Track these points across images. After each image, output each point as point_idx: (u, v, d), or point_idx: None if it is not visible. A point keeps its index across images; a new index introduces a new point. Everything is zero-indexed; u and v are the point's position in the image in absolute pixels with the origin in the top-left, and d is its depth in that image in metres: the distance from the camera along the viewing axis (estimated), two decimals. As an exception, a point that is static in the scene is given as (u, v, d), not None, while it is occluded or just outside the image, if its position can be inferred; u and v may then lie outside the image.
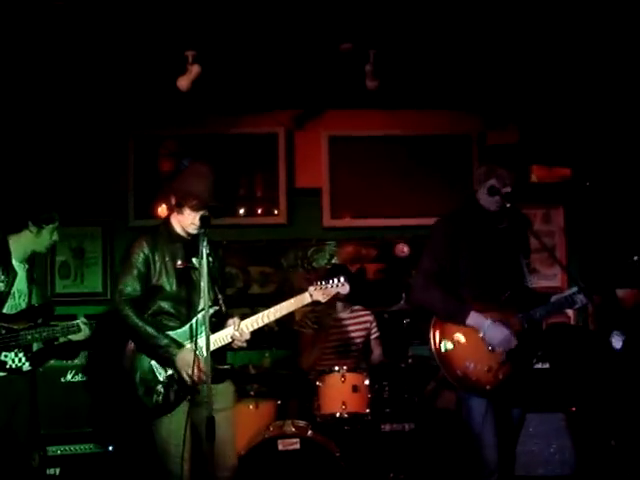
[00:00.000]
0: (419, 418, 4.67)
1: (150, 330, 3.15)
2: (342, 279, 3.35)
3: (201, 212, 3.19)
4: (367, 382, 4.38)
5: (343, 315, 5.02)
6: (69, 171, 5.62)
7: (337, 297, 3.46)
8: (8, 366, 3.64)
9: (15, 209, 3.90)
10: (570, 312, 5.76)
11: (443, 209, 3.38)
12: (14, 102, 5.13)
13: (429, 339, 3.20)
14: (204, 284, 3.00)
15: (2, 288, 3.66)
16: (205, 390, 3.04)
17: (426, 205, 5.64)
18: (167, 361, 3.16)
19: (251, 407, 4.39)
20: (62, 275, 5.64)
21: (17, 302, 3.73)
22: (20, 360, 3.68)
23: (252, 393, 4.52)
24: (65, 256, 5.66)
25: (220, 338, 3.25)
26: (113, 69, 4.76)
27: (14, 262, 3.74)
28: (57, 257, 5.62)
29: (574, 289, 3.17)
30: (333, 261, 5.77)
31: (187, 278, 3.26)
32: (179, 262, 3.25)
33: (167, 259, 3.25)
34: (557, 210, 5.98)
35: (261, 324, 3.29)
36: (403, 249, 5.73)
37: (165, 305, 3.24)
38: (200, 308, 3.20)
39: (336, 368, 4.41)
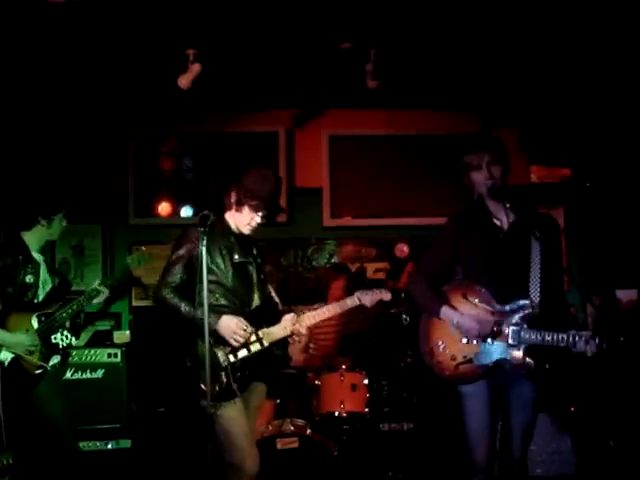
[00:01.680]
0: (418, 417, 4.67)
1: (188, 307, 3.17)
2: (384, 288, 3.56)
3: (260, 213, 3.31)
4: (366, 381, 4.39)
5: (341, 317, 5.03)
6: (69, 169, 5.62)
7: (381, 303, 3.57)
8: (61, 346, 3.87)
9: (22, 207, 4.01)
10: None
11: (442, 209, 3.40)
12: (14, 101, 5.13)
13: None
14: (204, 278, 3.01)
15: (32, 280, 3.83)
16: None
17: (426, 205, 5.65)
18: (210, 332, 3.09)
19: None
20: (35, 278, 5.61)
21: (46, 290, 3.91)
22: (67, 337, 3.91)
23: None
24: (65, 254, 5.67)
25: (279, 330, 3.33)
26: (114, 67, 4.76)
27: (33, 254, 3.90)
28: (57, 255, 5.64)
29: (585, 333, 2.94)
30: (333, 260, 5.78)
31: (243, 273, 3.34)
32: (236, 256, 3.31)
33: (224, 252, 3.28)
34: (557, 210, 5.97)
35: (317, 320, 3.41)
36: (403, 249, 5.74)
37: (222, 299, 3.25)
38: (255, 304, 3.34)
39: (335, 367, 4.42)
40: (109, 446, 4.62)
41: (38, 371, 3.75)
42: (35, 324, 3.78)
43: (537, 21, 4.17)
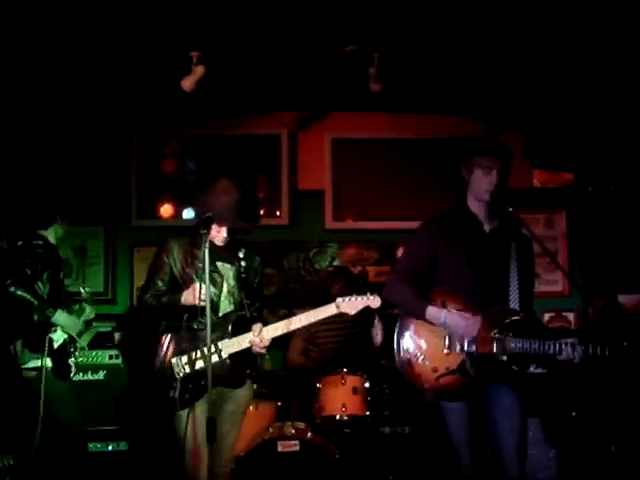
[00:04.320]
0: (418, 421, 4.66)
1: (155, 301, 3.26)
2: (375, 293, 3.25)
3: (223, 227, 3.26)
4: (367, 384, 4.38)
5: (342, 320, 5.03)
6: (72, 170, 5.63)
7: (367, 311, 3.28)
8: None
9: (42, 206, 4.19)
10: (571, 317, 5.77)
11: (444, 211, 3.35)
12: (18, 102, 5.14)
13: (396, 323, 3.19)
14: (206, 285, 3.02)
15: (62, 276, 4.06)
16: (220, 391, 3.19)
17: (428, 208, 5.60)
18: (176, 308, 3.20)
19: (251, 408, 4.36)
20: (64, 274, 5.62)
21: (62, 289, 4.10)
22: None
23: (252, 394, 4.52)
24: (67, 255, 5.66)
25: (238, 341, 3.24)
26: (118, 69, 4.77)
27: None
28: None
29: (571, 340, 2.96)
30: (335, 263, 5.78)
31: (212, 281, 3.24)
32: (200, 265, 3.21)
33: (189, 260, 3.29)
34: (559, 215, 5.98)
35: (283, 332, 3.25)
36: (405, 252, 5.73)
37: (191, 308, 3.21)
38: (224, 311, 3.29)
39: (337, 370, 4.41)
40: (109, 447, 4.62)
41: (73, 359, 3.96)
42: None
43: (541, 26, 4.17)
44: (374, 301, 3.21)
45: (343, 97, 5.42)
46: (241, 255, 3.40)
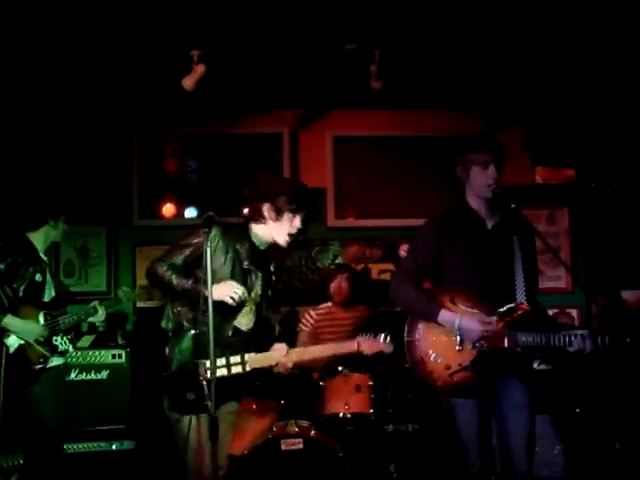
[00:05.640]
0: (422, 418, 4.66)
1: (179, 279, 3.07)
2: (389, 338, 3.32)
3: (299, 215, 3.20)
4: (370, 382, 4.38)
5: (346, 315, 5.05)
6: (74, 170, 5.63)
7: (380, 354, 3.37)
8: (59, 349, 3.95)
9: (31, 207, 4.12)
10: (574, 313, 5.76)
11: (447, 210, 3.35)
12: (19, 101, 5.14)
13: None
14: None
15: (39, 279, 3.93)
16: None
17: (430, 206, 5.63)
18: (198, 302, 2.96)
19: (254, 407, 4.39)
20: (66, 274, 5.64)
21: (51, 293, 4.02)
22: (66, 343, 4.00)
23: (255, 393, 4.52)
24: (69, 255, 5.67)
25: (266, 358, 3.20)
26: (119, 68, 4.77)
27: (41, 255, 4.00)
28: (61, 256, 5.64)
29: (581, 331, 2.95)
30: (337, 261, 5.77)
31: (244, 282, 3.18)
32: (245, 263, 3.19)
33: (230, 255, 3.18)
34: (562, 211, 5.97)
35: (307, 357, 3.38)
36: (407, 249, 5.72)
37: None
38: (245, 322, 3.21)
39: (340, 368, 4.41)
40: (113, 447, 4.62)
41: (39, 366, 3.80)
42: (42, 320, 3.88)
43: (542, 22, 4.17)
44: (388, 347, 3.33)
45: (344, 95, 5.42)
46: (272, 269, 3.41)
